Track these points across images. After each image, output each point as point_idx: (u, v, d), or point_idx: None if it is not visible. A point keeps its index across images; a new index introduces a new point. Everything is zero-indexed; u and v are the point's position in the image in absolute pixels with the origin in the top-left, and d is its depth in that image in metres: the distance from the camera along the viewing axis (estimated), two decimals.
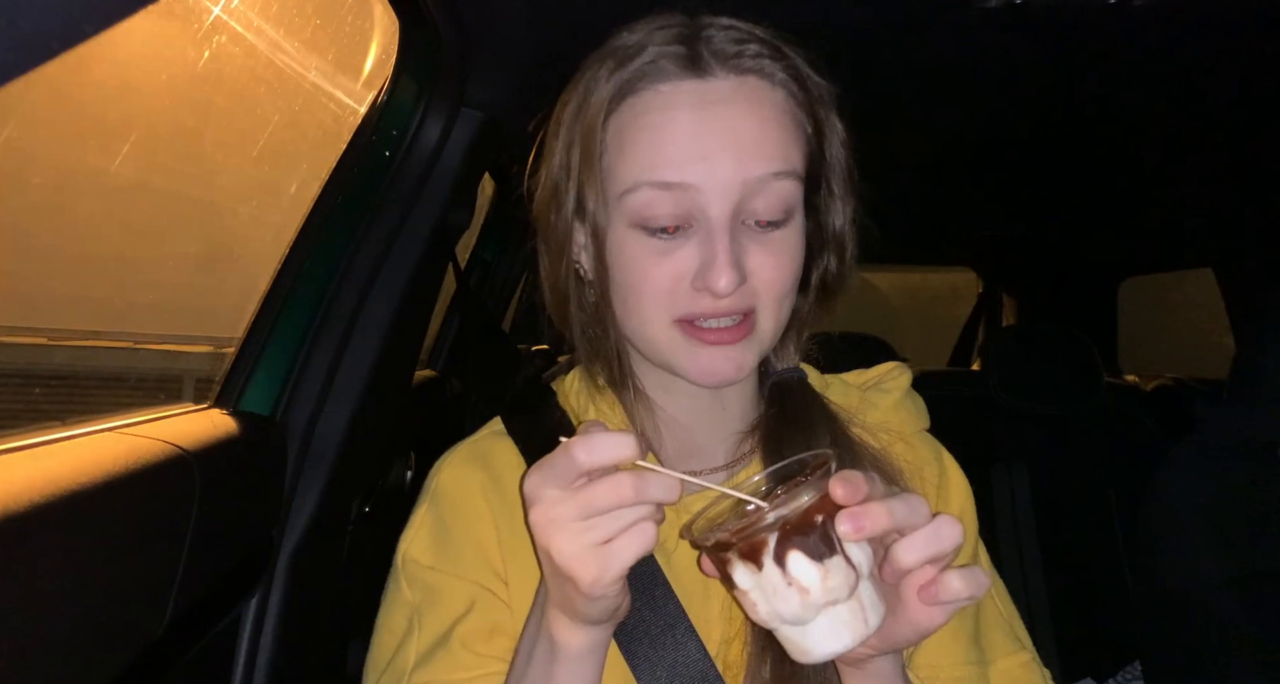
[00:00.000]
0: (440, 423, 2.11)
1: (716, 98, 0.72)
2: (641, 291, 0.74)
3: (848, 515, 0.57)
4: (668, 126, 0.72)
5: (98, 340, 2.29)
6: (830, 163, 0.80)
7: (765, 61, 0.74)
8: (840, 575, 0.58)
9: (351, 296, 1.33)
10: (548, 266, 0.83)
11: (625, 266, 0.75)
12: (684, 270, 0.73)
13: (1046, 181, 2.28)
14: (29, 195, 1.45)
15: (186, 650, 0.99)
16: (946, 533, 0.59)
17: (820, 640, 0.60)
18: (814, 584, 0.58)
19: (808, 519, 0.58)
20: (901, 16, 1.29)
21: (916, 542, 0.59)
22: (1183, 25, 1.30)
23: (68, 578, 0.75)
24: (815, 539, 0.58)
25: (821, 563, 0.58)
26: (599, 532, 0.59)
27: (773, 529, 0.59)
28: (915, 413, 0.91)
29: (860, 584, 0.59)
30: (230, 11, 1.32)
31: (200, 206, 1.90)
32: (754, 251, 0.73)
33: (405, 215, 1.39)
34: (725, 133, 0.71)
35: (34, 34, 0.38)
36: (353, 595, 1.50)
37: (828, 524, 0.58)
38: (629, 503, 0.59)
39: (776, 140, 0.73)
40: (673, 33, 0.74)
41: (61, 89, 1.30)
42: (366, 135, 1.35)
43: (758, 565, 0.59)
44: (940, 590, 0.59)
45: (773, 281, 0.74)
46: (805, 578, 0.58)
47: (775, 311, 0.76)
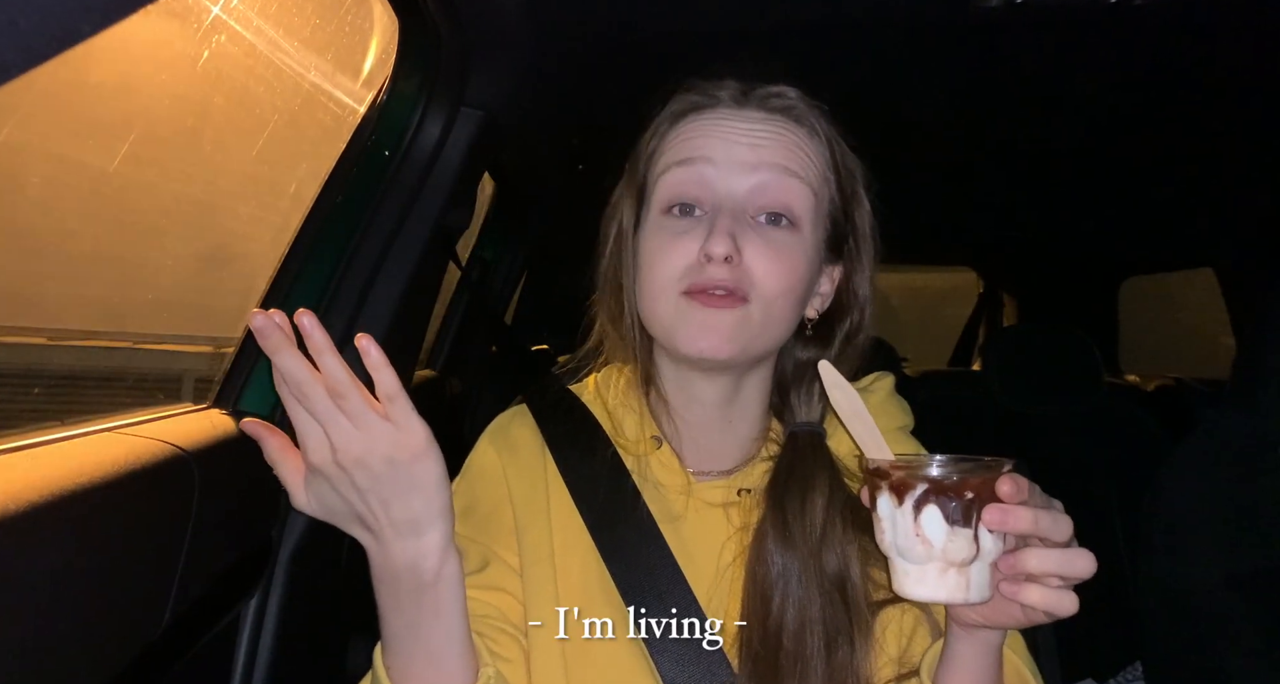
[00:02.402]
0: (440, 423, 2.11)
1: (746, 124, 0.85)
2: (657, 268, 0.84)
3: (998, 508, 0.64)
4: (700, 130, 0.86)
5: (97, 340, 2.29)
6: (858, 228, 0.91)
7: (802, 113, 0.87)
8: (962, 546, 0.66)
9: (351, 296, 1.33)
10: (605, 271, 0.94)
11: (650, 251, 0.86)
12: (692, 248, 0.82)
13: (1047, 182, 2.28)
14: (29, 195, 1.45)
15: (186, 650, 0.99)
16: (1080, 563, 0.65)
17: (915, 585, 0.68)
18: (936, 540, 0.66)
19: (960, 489, 0.66)
20: (902, 16, 1.29)
21: (1050, 556, 0.65)
22: (1182, 25, 1.30)
23: (67, 578, 0.75)
24: (956, 507, 0.66)
25: (951, 527, 0.66)
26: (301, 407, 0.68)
27: (926, 480, 0.67)
28: (899, 412, 0.98)
29: (976, 563, 0.66)
30: (230, 11, 1.32)
31: (200, 206, 1.90)
32: (754, 241, 0.82)
33: (405, 215, 1.39)
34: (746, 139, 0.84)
35: (34, 34, 0.38)
36: (353, 595, 1.50)
37: (975, 503, 0.65)
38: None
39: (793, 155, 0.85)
40: (732, 82, 0.89)
41: (61, 89, 1.30)
42: (366, 135, 1.35)
43: (899, 501, 0.68)
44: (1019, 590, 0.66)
45: (766, 273, 0.82)
46: (930, 531, 0.66)
47: (766, 304, 0.82)
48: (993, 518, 0.64)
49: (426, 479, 0.69)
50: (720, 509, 0.89)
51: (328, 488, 0.70)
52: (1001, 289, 3.45)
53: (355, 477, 0.68)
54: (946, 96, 1.65)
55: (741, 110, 0.86)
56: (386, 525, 0.69)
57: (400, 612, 0.73)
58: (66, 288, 1.98)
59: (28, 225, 1.59)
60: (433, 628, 0.72)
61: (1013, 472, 0.67)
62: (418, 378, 2.00)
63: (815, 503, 0.84)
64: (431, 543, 0.70)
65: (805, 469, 0.87)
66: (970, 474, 0.67)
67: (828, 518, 0.83)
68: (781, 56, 1.44)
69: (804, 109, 0.88)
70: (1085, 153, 2.01)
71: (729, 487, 0.90)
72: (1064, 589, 0.66)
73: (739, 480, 0.90)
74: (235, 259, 1.90)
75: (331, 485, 0.69)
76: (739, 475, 0.91)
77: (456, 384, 2.38)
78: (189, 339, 2.09)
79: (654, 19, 1.33)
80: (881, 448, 0.73)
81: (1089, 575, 0.65)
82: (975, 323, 3.49)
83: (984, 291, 3.50)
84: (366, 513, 0.69)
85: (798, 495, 0.84)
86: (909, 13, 1.28)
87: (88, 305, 2.13)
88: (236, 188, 1.81)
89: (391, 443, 0.67)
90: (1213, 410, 1.43)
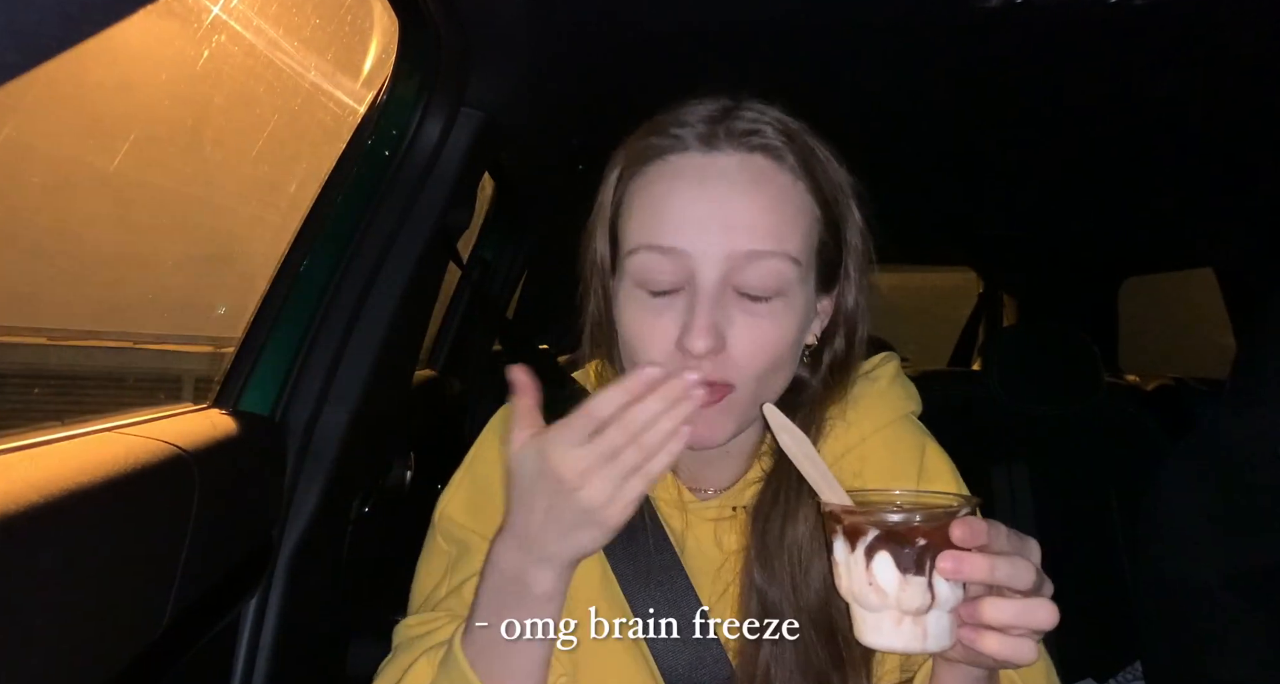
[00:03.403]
0: (440, 423, 2.11)
1: (717, 172, 0.76)
2: (637, 348, 0.79)
3: (951, 555, 0.61)
4: (668, 195, 0.77)
5: (97, 340, 2.29)
6: (848, 246, 0.84)
7: (778, 144, 0.78)
8: (916, 594, 0.62)
9: (351, 296, 1.33)
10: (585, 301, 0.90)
11: (627, 323, 0.80)
12: (671, 333, 0.76)
13: (1047, 182, 2.27)
14: (29, 195, 1.45)
15: (186, 650, 0.99)
16: (1040, 615, 0.62)
17: (872, 633, 0.65)
18: (889, 588, 0.63)
19: (912, 536, 0.63)
20: (902, 16, 1.29)
21: (1007, 607, 0.62)
22: (1183, 25, 1.30)
23: (67, 578, 0.75)
24: (908, 554, 0.62)
25: (903, 576, 0.62)
26: (627, 461, 0.66)
27: (877, 526, 0.64)
28: (903, 397, 0.93)
29: (932, 612, 0.63)
30: (230, 11, 1.32)
31: (200, 206, 1.90)
32: (739, 321, 0.76)
33: (405, 215, 1.39)
34: (719, 205, 0.75)
35: (34, 33, 0.38)
36: (353, 595, 1.50)
37: (928, 550, 0.62)
38: (643, 425, 0.66)
39: (771, 219, 0.76)
40: (704, 111, 0.80)
41: (61, 88, 1.30)
42: (366, 135, 1.35)
43: (852, 547, 0.65)
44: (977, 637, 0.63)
45: (752, 355, 0.76)
46: (883, 579, 0.63)
47: (754, 385, 0.78)
48: (945, 567, 0.61)
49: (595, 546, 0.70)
50: (717, 526, 0.88)
51: (537, 460, 0.69)
52: (1001, 289, 3.45)
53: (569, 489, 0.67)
54: (946, 96, 1.65)
55: (710, 154, 0.77)
56: (538, 539, 0.70)
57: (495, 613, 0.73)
58: (66, 288, 1.98)
59: (28, 225, 1.59)
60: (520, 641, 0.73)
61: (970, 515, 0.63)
62: (418, 378, 2.00)
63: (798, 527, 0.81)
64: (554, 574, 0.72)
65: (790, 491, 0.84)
66: (923, 520, 0.63)
67: (813, 541, 0.81)
68: (781, 56, 1.44)
69: (782, 142, 0.78)
70: (1085, 152, 2.01)
71: (722, 505, 0.89)
72: (1024, 638, 0.63)
73: (732, 498, 0.89)
74: (235, 259, 1.90)
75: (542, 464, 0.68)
76: (732, 493, 0.90)
77: (456, 384, 2.38)
78: (189, 339, 2.09)
79: (654, 19, 1.33)
80: (835, 490, 0.69)
81: (1049, 627, 0.63)
82: (975, 323, 3.48)
83: (984, 291, 3.50)
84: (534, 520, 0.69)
85: (779, 522, 0.82)
86: (909, 12, 1.28)
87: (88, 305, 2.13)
88: (236, 188, 1.81)
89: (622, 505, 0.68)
90: (1212, 410, 1.43)
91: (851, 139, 0.88)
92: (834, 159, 0.82)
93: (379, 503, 1.58)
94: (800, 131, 0.80)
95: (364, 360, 1.35)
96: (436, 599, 0.86)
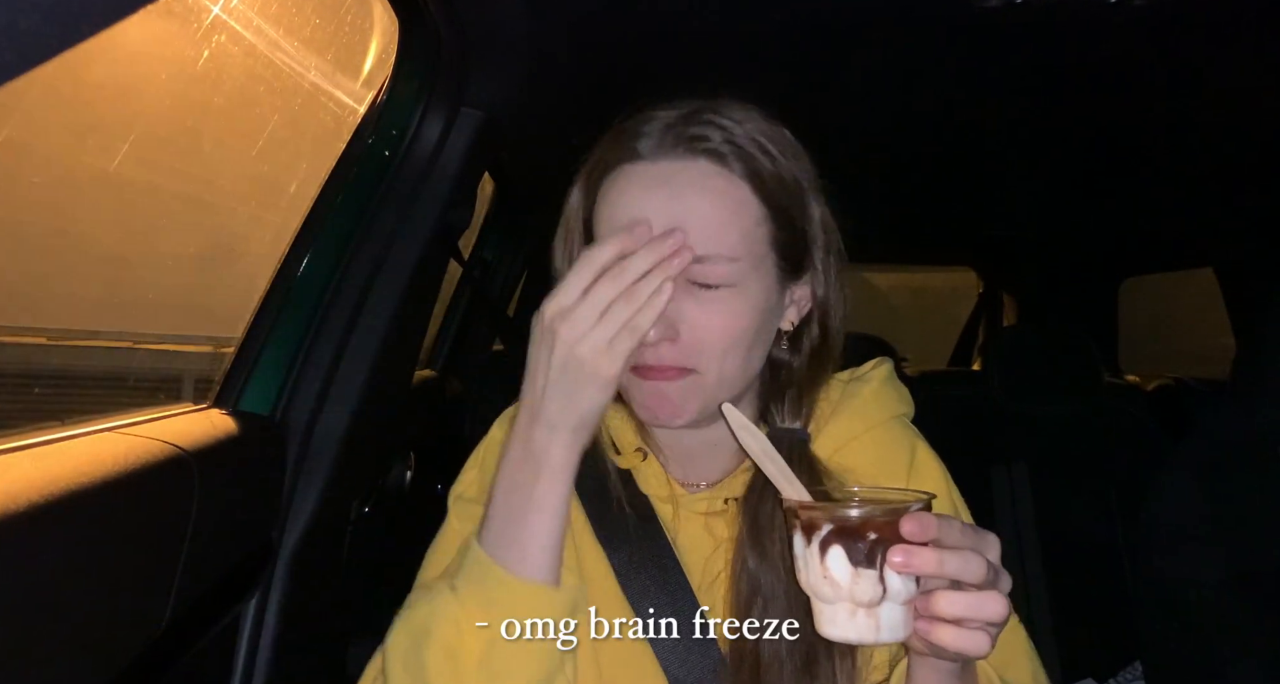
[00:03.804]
0: (440, 423, 2.11)
1: (662, 179, 0.80)
2: None
3: (901, 549, 0.63)
4: (619, 201, 0.82)
5: (97, 340, 2.29)
6: (810, 240, 0.87)
7: (722, 149, 0.81)
8: (867, 587, 0.65)
9: (351, 296, 1.33)
10: None
11: None
12: None
13: (1047, 181, 2.27)
14: (28, 194, 1.45)
15: (186, 650, 0.99)
16: (990, 607, 0.64)
17: (828, 625, 0.67)
18: (842, 580, 0.65)
19: (863, 530, 0.65)
20: (902, 15, 1.29)
21: (958, 600, 0.64)
22: (1182, 25, 1.30)
23: (67, 578, 0.75)
24: (860, 547, 0.65)
25: (855, 569, 0.65)
26: (618, 315, 0.71)
27: (830, 521, 0.66)
28: (894, 399, 0.95)
29: (884, 604, 0.65)
30: (229, 11, 1.32)
31: (200, 206, 1.90)
32: (690, 309, 0.79)
33: (405, 215, 1.39)
34: (662, 208, 0.79)
35: (34, 34, 0.38)
36: (353, 595, 1.50)
37: (879, 543, 0.64)
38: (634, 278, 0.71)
39: (716, 224, 0.79)
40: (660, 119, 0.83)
41: (61, 89, 1.30)
42: (366, 135, 1.35)
43: (808, 541, 0.67)
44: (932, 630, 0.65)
45: (708, 340, 0.80)
46: (836, 572, 0.65)
47: (718, 365, 0.81)
48: (895, 561, 0.63)
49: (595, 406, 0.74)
50: (708, 519, 0.90)
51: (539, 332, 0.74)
52: (1001, 289, 3.45)
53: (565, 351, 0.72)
54: (946, 96, 1.65)
55: (658, 163, 0.81)
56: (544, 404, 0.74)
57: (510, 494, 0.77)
58: (66, 288, 1.98)
59: (28, 225, 1.59)
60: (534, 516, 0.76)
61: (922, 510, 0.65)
62: (418, 378, 2.00)
63: None
64: (562, 444, 0.75)
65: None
66: (875, 515, 0.65)
67: None
68: (781, 56, 1.45)
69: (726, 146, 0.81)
70: (1085, 152, 2.01)
71: (713, 497, 0.90)
72: (979, 631, 0.65)
73: (724, 490, 0.91)
74: (235, 259, 1.90)
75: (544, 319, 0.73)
76: (723, 485, 0.91)
77: (456, 384, 2.38)
78: (189, 339, 2.09)
79: (653, 19, 1.33)
80: (794, 486, 0.71)
81: (1000, 620, 0.65)
82: (975, 323, 3.49)
83: (984, 291, 3.50)
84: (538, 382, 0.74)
85: (770, 506, 0.84)
86: (909, 12, 1.28)
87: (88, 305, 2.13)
88: (236, 188, 1.81)
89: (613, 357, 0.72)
90: (1212, 410, 1.43)
91: (852, 139, 0.88)
92: (792, 156, 0.85)
93: (379, 503, 1.58)
94: (748, 134, 0.83)
95: (364, 360, 1.35)
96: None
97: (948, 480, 0.93)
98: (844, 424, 0.91)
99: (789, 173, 0.84)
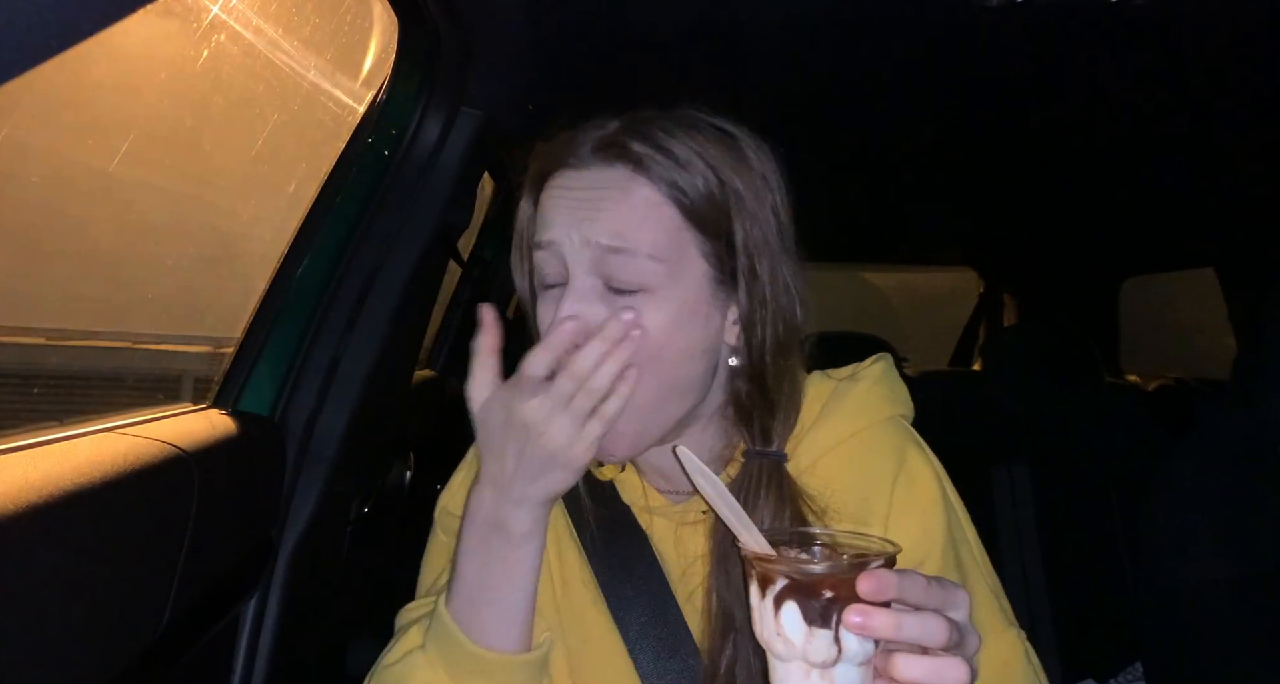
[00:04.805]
0: (440, 423, 2.11)
1: (587, 183, 0.83)
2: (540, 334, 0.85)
3: (858, 609, 0.59)
4: (550, 202, 0.85)
5: (97, 340, 2.29)
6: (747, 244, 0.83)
7: (641, 154, 0.81)
8: (821, 647, 0.61)
9: (351, 296, 1.33)
10: None
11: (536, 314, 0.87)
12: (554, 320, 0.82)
13: (1047, 181, 2.27)
14: (28, 195, 1.45)
15: (186, 651, 0.99)
16: (951, 675, 0.60)
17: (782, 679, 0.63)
18: (794, 639, 0.61)
19: (818, 588, 0.61)
20: (902, 15, 1.29)
21: (917, 665, 0.60)
22: (1183, 25, 1.30)
23: (66, 578, 0.75)
24: (815, 605, 0.61)
25: (809, 627, 0.61)
26: (579, 406, 0.74)
27: (785, 576, 0.62)
28: (886, 398, 0.90)
29: (840, 665, 0.61)
30: (229, 10, 1.32)
31: (200, 206, 1.90)
32: (604, 315, 0.80)
33: (404, 215, 1.39)
34: (584, 207, 0.82)
35: (34, 33, 0.38)
36: (353, 595, 1.50)
37: (835, 602, 0.60)
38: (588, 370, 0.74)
39: (631, 220, 0.80)
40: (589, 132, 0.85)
41: (61, 88, 1.30)
42: (365, 134, 1.35)
43: (763, 594, 0.63)
44: None
45: None
46: (789, 629, 0.61)
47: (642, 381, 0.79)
48: (851, 621, 0.59)
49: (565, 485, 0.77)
50: (688, 528, 0.89)
51: (502, 412, 0.76)
52: (1001, 289, 3.45)
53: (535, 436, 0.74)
54: (947, 96, 1.65)
55: (581, 172, 0.83)
56: (512, 483, 0.76)
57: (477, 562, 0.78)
58: (66, 288, 1.98)
59: (28, 225, 1.59)
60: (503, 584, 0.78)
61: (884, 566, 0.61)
62: (418, 378, 2.00)
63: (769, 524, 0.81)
64: (530, 515, 0.77)
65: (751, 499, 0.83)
66: (831, 571, 0.61)
67: None
68: (780, 56, 1.44)
69: (646, 153, 0.81)
70: (1085, 152, 2.01)
71: (686, 509, 0.90)
72: None
73: (699, 502, 0.88)
74: (235, 259, 1.90)
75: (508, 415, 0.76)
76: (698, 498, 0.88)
77: (456, 384, 2.38)
78: (189, 339, 2.09)
79: (653, 18, 1.33)
80: (751, 532, 0.66)
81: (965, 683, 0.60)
82: (975, 323, 3.49)
83: (984, 291, 3.50)
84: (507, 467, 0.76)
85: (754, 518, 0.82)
86: (909, 12, 1.28)
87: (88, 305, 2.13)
88: (236, 187, 1.80)
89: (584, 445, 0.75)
90: (1213, 410, 1.43)
91: (853, 139, 0.88)
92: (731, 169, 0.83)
93: (379, 503, 1.58)
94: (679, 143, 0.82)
95: (364, 360, 1.35)
96: (439, 588, 0.88)
97: (942, 486, 0.88)
98: (827, 429, 0.87)
99: (718, 185, 0.82)
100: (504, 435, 0.76)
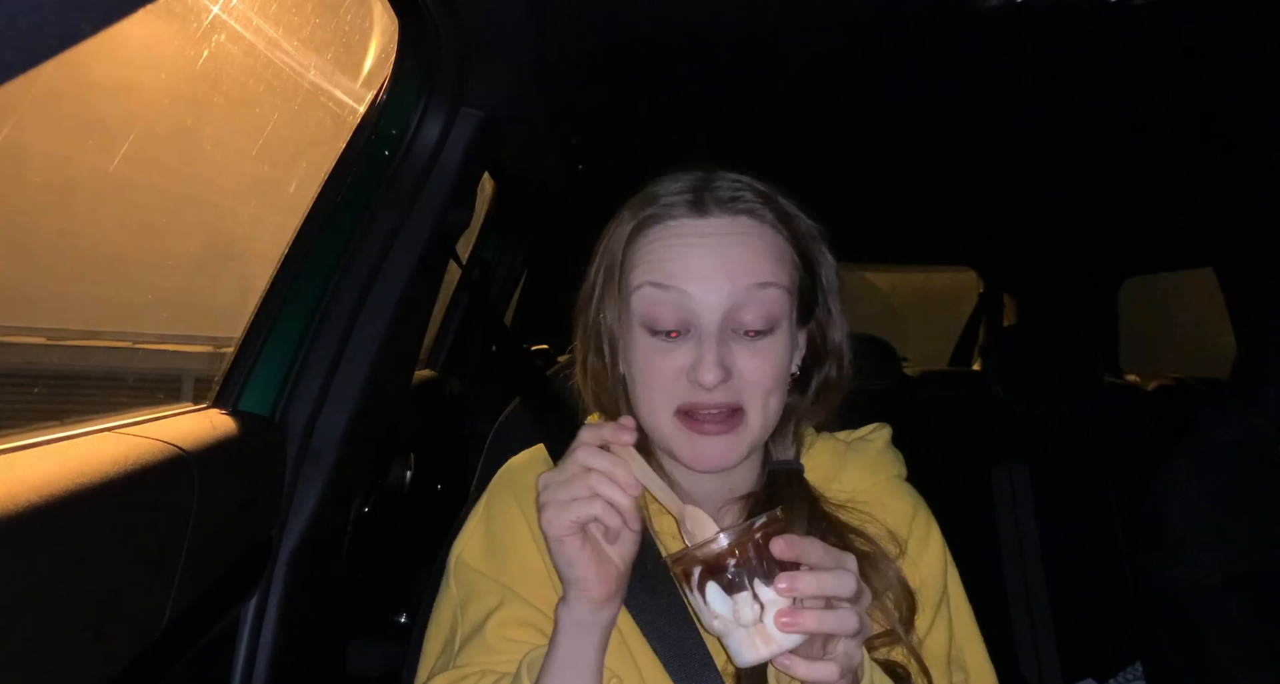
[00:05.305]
0: (440, 423, 2.11)
1: (712, 231, 0.88)
2: (650, 383, 0.89)
3: (785, 576, 0.70)
4: (670, 246, 0.88)
5: (96, 340, 2.29)
6: (825, 286, 0.95)
7: (756, 206, 0.89)
8: (745, 608, 0.71)
9: (350, 296, 1.33)
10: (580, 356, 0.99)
11: (637, 362, 0.90)
12: (682, 366, 0.87)
13: (1048, 181, 2.27)
14: (28, 195, 1.45)
15: (186, 650, 0.99)
16: (849, 623, 0.71)
17: (737, 655, 0.72)
18: (724, 612, 0.71)
19: (722, 559, 0.71)
20: (902, 15, 1.29)
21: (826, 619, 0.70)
22: (1183, 24, 1.30)
23: (66, 578, 0.75)
24: (727, 577, 0.71)
25: (731, 596, 0.71)
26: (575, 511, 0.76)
27: (696, 561, 0.72)
28: (894, 461, 1.04)
29: (766, 617, 0.70)
30: (229, 10, 1.32)
31: (200, 206, 1.90)
32: (741, 354, 0.86)
33: (405, 215, 1.39)
34: (716, 255, 0.87)
35: (33, 33, 0.38)
36: (353, 595, 1.50)
37: (740, 564, 0.71)
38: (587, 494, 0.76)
39: (762, 261, 0.88)
40: (686, 183, 0.91)
41: (60, 88, 1.30)
42: (366, 134, 1.35)
43: (689, 588, 0.73)
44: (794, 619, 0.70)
45: (757, 381, 0.87)
46: (717, 605, 0.71)
47: (761, 407, 0.88)
48: (780, 587, 0.69)
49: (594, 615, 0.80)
50: None
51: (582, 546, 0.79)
52: (1001, 289, 3.45)
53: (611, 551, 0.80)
54: (947, 96, 1.65)
55: (704, 218, 0.88)
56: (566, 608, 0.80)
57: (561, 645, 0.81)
58: (65, 287, 1.98)
59: (28, 225, 1.59)
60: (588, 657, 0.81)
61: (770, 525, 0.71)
62: (418, 378, 2.00)
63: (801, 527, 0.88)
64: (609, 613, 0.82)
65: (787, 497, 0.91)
66: (731, 540, 0.71)
67: None
68: (781, 57, 1.44)
69: (760, 204, 0.90)
70: (1086, 152, 2.01)
71: None
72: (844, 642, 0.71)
73: (723, 519, 0.94)
74: (234, 259, 1.90)
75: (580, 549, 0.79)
76: (723, 513, 0.95)
77: (456, 384, 2.38)
78: (189, 339, 2.09)
79: (654, 18, 1.33)
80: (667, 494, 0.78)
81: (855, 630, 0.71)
82: (976, 322, 3.49)
83: (984, 291, 3.50)
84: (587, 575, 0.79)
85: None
86: (909, 12, 1.28)
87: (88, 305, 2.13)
88: (236, 187, 1.81)
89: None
90: (1212, 410, 1.43)
91: (853, 139, 0.88)
92: (802, 214, 0.93)
93: (379, 503, 1.58)
94: (772, 193, 0.92)
95: (364, 360, 1.35)
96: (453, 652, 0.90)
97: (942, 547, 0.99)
98: (855, 476, 0.99)
99: (806, 225, 0.93)
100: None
